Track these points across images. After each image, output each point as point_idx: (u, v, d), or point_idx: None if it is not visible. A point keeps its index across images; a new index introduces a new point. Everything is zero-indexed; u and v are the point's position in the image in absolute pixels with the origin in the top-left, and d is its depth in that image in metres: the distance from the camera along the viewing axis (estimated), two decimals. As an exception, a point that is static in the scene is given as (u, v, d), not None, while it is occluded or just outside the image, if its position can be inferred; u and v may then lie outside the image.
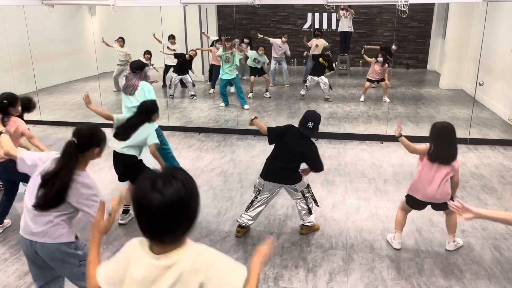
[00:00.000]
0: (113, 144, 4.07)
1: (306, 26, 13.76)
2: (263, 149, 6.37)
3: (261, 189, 3.97)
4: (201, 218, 4.44)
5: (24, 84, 8.72)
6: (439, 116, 8.20)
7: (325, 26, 13.75)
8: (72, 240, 2.64)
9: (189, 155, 6.30)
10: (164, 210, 1.43)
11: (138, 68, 4.79)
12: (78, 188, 2.50)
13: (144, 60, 9.35)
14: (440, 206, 3.74)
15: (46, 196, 2.45)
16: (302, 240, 4.05)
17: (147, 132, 4.06)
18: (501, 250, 3.87)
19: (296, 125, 3.98)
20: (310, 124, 3.83)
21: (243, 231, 4.11)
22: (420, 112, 8.52)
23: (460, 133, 6.94)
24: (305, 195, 4.00)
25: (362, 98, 9.54)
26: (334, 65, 10.11)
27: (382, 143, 6.77)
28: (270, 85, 11.11)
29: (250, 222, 4.07)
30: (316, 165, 3.93)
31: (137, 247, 1.56)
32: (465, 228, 4.20)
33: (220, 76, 9.06)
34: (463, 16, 10.25)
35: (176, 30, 10.37)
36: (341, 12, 11.84)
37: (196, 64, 11.83)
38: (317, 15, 13.71)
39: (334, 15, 13.32)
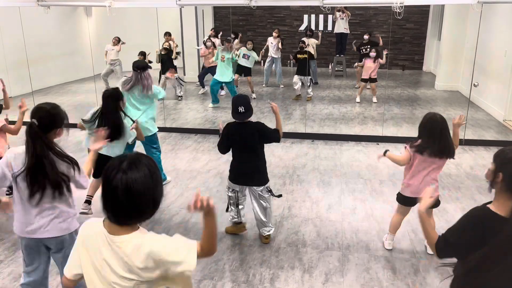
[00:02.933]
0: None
1: (302, 28, 13.79)
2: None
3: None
4: (196, 219, 4.44)
5: (20, 85, 8.68)
6: (434, 117, 8.21)
7: (321, 27, 13.79)
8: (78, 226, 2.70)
9: (185, 156, 6.30)
10: (129, 191, 1.50)
11: (144, 68, 4.85)
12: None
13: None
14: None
15: (48, 181, 2.49)
16: (298, 241, 4.06)
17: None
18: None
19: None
20: (241, 109, 3.72)
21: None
22: (415, 113, 8.55)
23: (455, 134, 7.02)
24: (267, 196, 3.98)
25: (358, 99, 9.55)
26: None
27: (378, 144, 6.79)
28: (263, 85, 11.14)
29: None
30: (274, 135, 3.86)
31: (92, 224, 1.67)
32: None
33: (215, 75, 9.07)
34: (458, 18, 10.31)
35: (172, 32, 10.36)
36: (337, 14, 11.89)
37: (192, 65, 11.86)
38: (313, 16, 13.75)
39: (330, 17, 13.36)
